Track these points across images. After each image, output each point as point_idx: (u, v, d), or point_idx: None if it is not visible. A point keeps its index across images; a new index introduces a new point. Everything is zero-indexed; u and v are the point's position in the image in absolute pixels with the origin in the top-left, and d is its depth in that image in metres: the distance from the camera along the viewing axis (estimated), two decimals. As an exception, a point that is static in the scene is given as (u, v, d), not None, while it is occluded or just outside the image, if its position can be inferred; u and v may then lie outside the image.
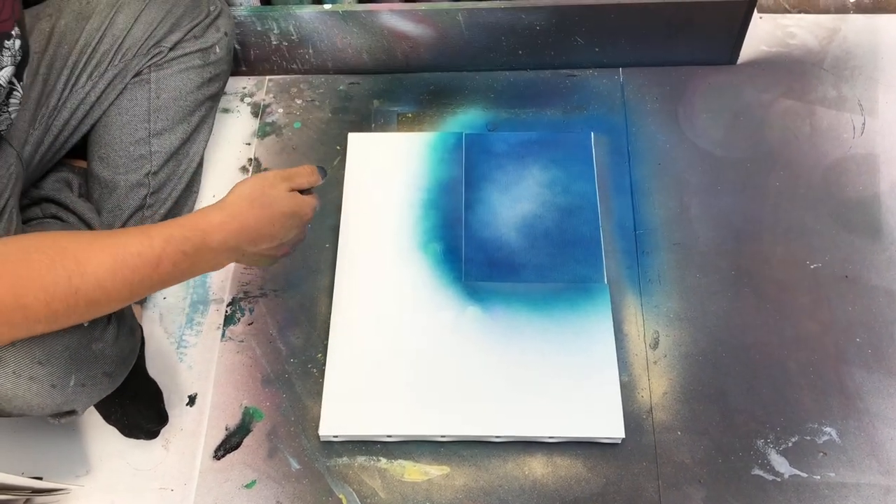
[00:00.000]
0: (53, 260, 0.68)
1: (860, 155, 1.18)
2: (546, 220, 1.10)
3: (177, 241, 0.75)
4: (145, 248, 0.73)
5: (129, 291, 0.73)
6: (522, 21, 1.20)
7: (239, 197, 0.81)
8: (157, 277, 0.74)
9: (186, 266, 0.77)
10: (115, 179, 1.03)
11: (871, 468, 0.95)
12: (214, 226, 0.78)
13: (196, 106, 1.08)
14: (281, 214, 0.83)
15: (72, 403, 0.83)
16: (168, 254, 0.74)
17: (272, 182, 0.83)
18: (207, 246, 0.77)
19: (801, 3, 1.35)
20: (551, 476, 0.95)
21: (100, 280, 0.70)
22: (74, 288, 0.68)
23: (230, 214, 0.79)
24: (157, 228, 0.75)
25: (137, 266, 0.72)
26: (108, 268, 0.71)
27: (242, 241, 0.80)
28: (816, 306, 1.05)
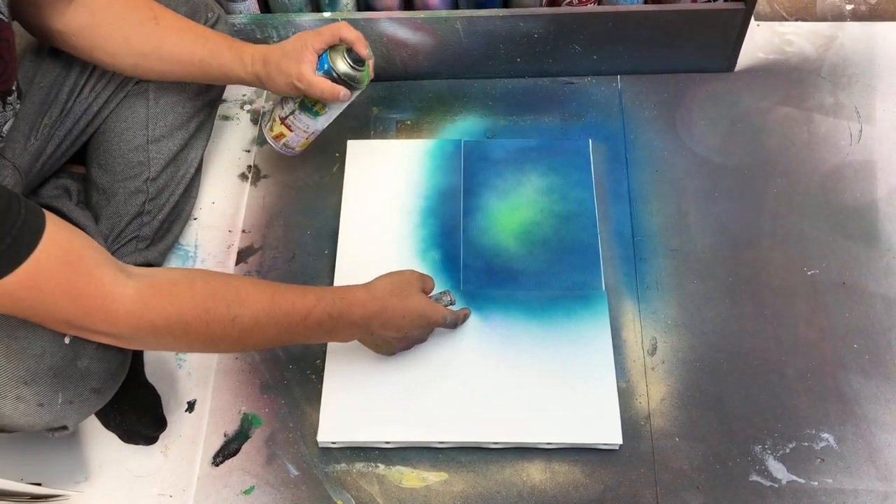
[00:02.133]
0: (216, 290, 0.79)
1: (857, 162, 1.18)
2: (544, 227, 1.10)
3: (327, 302, 0.84)
4: (299, 299, 0.83)
5: (277, 332, 0.82)
6: (521, 29, 1.21)
7: (383, 284, 0.91)
8: (302, 329, 0.83)
9: (328, 328, 0.85)
10: (114, 186, 1.03)
11: (868, 474, 0.95)
12: (359, 301, 0.87)
13: (194, 112, 1.08)
14: (414, 311, 0.92)
15: (61, 420, 0.83)
16: (317, 311, 0.83)
17: (410, 279, 0.94)
18: (350, 315, 0.86)
19: (798, 11, 1.36)
20: (549, 482, 0.95)
21: (256, 315, 0.79)
22: (232, 315, 0.78)
23: (373, 296, 0.89)
24: (311, 288, 0.85)
25: (289, 312, 0.82)
26: (265, 307, 0.80)
27: (375, 323, 0.90)
28: (814, 313, 1.06)
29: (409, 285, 0.92)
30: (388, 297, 0.90)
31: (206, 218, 1.17)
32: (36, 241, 0.68)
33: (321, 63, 0.94)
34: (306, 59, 0.94)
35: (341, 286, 0.89)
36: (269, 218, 1.17)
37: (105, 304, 0.72)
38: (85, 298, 0.71)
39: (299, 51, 0.94)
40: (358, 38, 0.94)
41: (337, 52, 0.95)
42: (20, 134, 0.96)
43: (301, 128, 1.02)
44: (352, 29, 0.94)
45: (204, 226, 1.17)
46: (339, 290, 0.88)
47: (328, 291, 0.86)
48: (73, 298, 0.71)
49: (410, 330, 0.93)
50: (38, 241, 0.68)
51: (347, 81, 0.95)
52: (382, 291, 0.90)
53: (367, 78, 0.98)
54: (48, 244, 0.68)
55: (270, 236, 1.15)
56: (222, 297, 0.78)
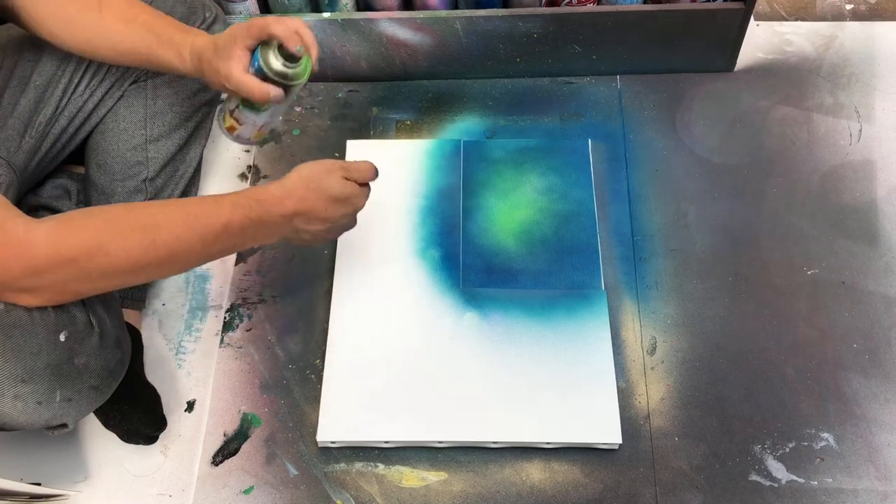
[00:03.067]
0: (130, 214, 0.77)
1: (857, 161, 1.18)
2: (544, 227, 1.10)
3: (242, 207, 0.81)
4: (213, 209, 0.80)
5: (203, 246, 0.80)
6: (520, 29, 1.21)
7: (297, 177, 0.86)
8: (227, 237, 0.81)
9: (251, 232, 0.83)
10: (113, 186, 1.03)
11: (868, 474, 0.95)
12: (275, 198, 0.84)
13: (193, 111, 1.08)
14: (334, 199, 0.87)
15: (60, 418, 0.82)
16: (236, 217, 0.81)
17: (329, 168, 0.88)
18: (269, 216, 0.83)
19: (797, 11, 1.36)
20: (549, 482, 0.95)
21: (175, 232, 0.77)
22: (151, 239, 0.76)
23: (287, 191, 0.85)
24: (224, 197, 0.82)
25: (209, 223, 0.79)
26: (181, 222, 0.78)
27: (298, 219, 0.86)
28: (814, 312, 1.06)
29: (327, 174, 0.87)
30: (304, 191, 0.85)
31: (206, 218, 1.17)
32: None
33: (253, 60, 0.86)
34: (235, 56, 0.87)
35: (255, 187, 0.86)
36: (268, 218, 1.17)
37: (21, 251, 0.71)
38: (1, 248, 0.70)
39: (229, 48, 0.87)
40: (288, 34, 0.85)
41: (269, 48, 0.86)
42: (15, 132, 0.96)
43: (248, 122, 0.95)
44: (283, 22, 0.85)
45: (204, 226, 1.17)
46: (253, 191, 0.85)
47: (242, 196, 0.83)
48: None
49: (336, 219, 0.89)
50: None
51: (279, 80, 0.87)
52: (298, 185, 0.85)
53: (303, 75, 0.89)
54: None
55: (270, 236, 1.15)
56: (135, 223, 0.76)
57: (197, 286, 1.11)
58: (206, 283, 1.12)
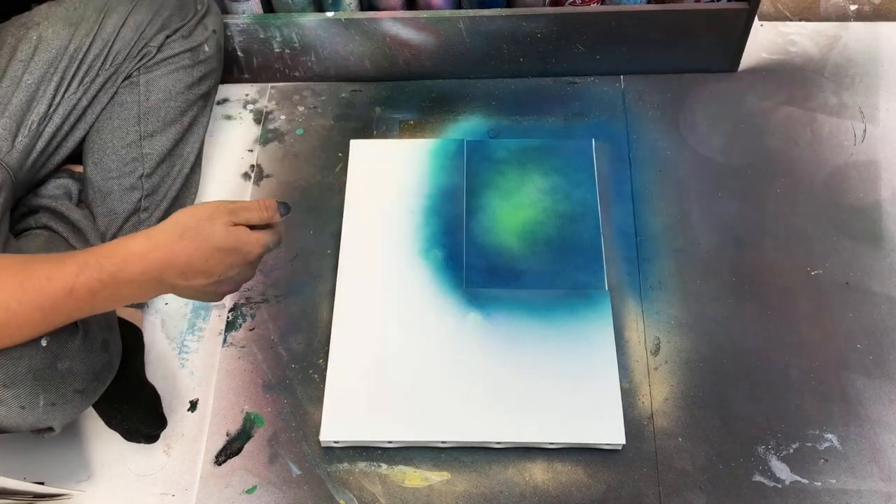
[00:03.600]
0: None
1: (861, 162, 1.18)
2: (547, 227, 1.10)
3: (91, 268, 0.71)
4: (55, 272, 0.70)
5: (42, 316, 0.71)
6: (523, 28, 1.21)
7: (171, 226, 0.75)
8: (74, 304, 0.71)
9: (107, 294, 0.72)
10: (109, 184, 1.03)
11: (872, 475, 0.94)
12: (135, 254, 0.73)
13: (187, 106, 1.08)
14: (216, 249, 0.75)
15: (46, 422, 0.81)
16: (82, 281, 0.71)
17: (210, 213, 0.76)
18: (126, 275, 0.72)
19: (801, 11, 1.35)
20: (552, 482, 0.95)
21: (6, 303, 0.68)
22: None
23: (154, 244, 0.74)
24: (72, 255, 0.73)
25: (47, 291, 0.70)
26: (12, 291, 0.69)
27: (169, 274, 0.74)
28: (817, 313, 1.05)
29: (209, 220, 0.75)
30: (176, 242, 0.73)
31: (209, 217, 1.17)
32: None
33: None
34: None
35: (115, 240, 0.74)
36: (271, 217, 1.17)
37: None
38: None
39: None
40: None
41: None
42: (7, 132, 0.96)
43: None
44: None
45: (207, 225, 1.17)
46: (108, 246, 0.74)
47: (93, 253, 0.73)
48: None
49: (224, 272, 0.76)
50: None
51: None
52: (169, 236, 0.74)
53: None
54: None
55: (273, 236, 1.15)
56: None
57: (200, 285, 1.11)
58: (209, 283, 1.11)
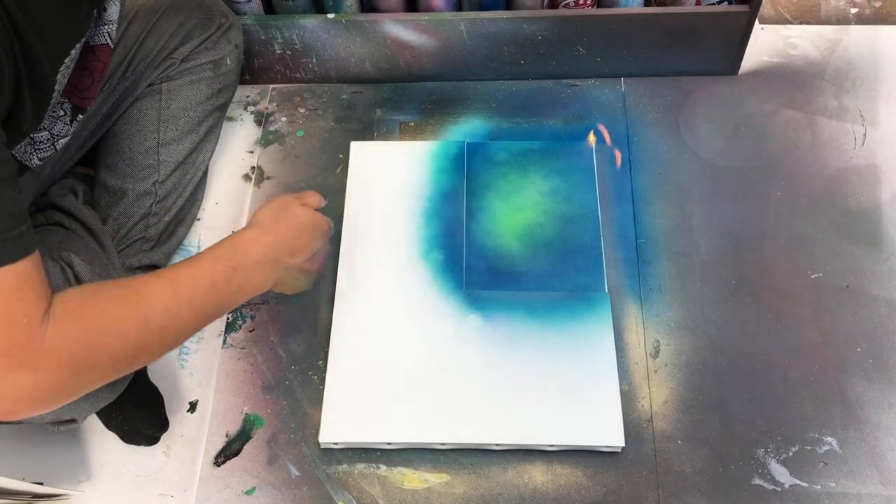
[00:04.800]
0: (121, 294, 0.72)
1: (861, 165, 1.18)
2: (547, 229, 1.10)
3: (222, 258, 0.79)
4: (195, 270, 0.77)
5: (194, 314, 0.76)
6: (524, 31, 1.21)
7: (263, 215, 0.87)
8: (215, 297, 0.78)
9: (238, 282, 0.80)
10: (124, 188, 1.03)
11: (871, 478, 0.94)
12: (251, 241, 0.83)
13: (205, 116, 1.09)
14: (303, 225, 0.88)
15: (72, 412, 0.83)
16: (218, 271, 0.78)
17: (287, 200, 0.90)
18: (251, 258, 0.82)
19: (802, 14, 1.36)
20: (551, 484, 0.95)
21: (165, 306, 0.73)
22: (144, 318, 0.71)
23: (262, 230, 0.85)
24: (201, 254, 0.80)
25: (194, 287, 0.76)
26: (169, 293, 0.74)
27: (280, 253, 0.85)
28: (817, 316, 1.05)
29: (287, 204, 0.89)
30: (274, 225, 0.86)
31: (210, 219, 1.17)
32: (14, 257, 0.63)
33: None
34: None
35: (225, 238, 0.83)
36: (272, 219, 1.17)
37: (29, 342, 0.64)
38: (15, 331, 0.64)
39: None
40: None
41: None
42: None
43: None
44: None
45: (207, 226, 1.17)
46: (225, 241, 0.83)
47: (217, 247, 0.81)
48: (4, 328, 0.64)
49: (313, 245, 0.90)
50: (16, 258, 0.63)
51: None
52: (267, 220, 0.86)
53: None
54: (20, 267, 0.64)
55: (273, 237, 1.15)
56: (128, 302, 0.72)
57: (200, 287, 1.11)
58: (210, 284, 1.12)
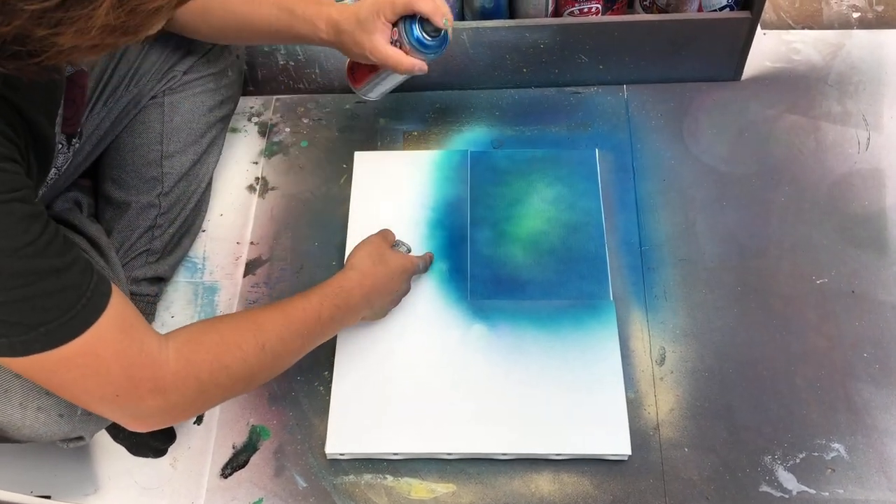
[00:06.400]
0: (237, 325, 0.80)
1: (866, 170, 1.18)
2: (551, 237, 1.10)
3: (329, 297, 0.88)
4: (307, 304, 0.86)
5: (302, 343, 0.85)
6: (527, 39, 1.21)
7: (361, 260, 0.95)
8: (320, 329, 0.87)
9: (339, 318, 0.90)
10: (128, 200, 1.04)
11: (879, 484, 0.94)
12: (355, 284, 0.92)
13: (208, 128, 1.09)
14: (395, 270, 0.97)
15: (79, 431, 0.83)
16: (325, 307, 0.87)
17: (380, 243, 0.98)
18: (354, 300, 0.91)
19: (804, 20, 1.36)
20: (558, 493, 0.95)
21: (279, 333, 0.82)
22: (261, 343, 0.79)
23: (363, 274, 0.93)
24: (310, 291, 0.88)
25: (304, 319, 0.85)
26: (282, 323, 0.83)
27: (375, 296, 0.95)
28: (823, 321, 1.05)
29: (379, 248, 0.97)
30: (373, 268, 0.94)
31: (215, 230, 1.18)
32: (104, 306, 0.68)
33: (405, 32, 0.92)
34: (378, 30, 0.91)
35: (331, 279, 0.92)
36: (276, 229, 1.18)
37: (154, 372, 0.72)
38: (136, 367, 0.71)
39: (372, 21, 0.91)
40: (434, 10, 0.90)
41: (414, 22, 0.92)
42: None
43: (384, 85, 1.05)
44: (427, 1, 0.90)
45: (212, 238, 1.17)
46: (333, 282, 0.91)
47: (325, 287, 0.90)
48: (125, 367, 0.70)
49: (398, 288, 0.99)
50: (105, 306, 0.68)
51: (422, 51, 0.93)
52: (366, 265, 0.94)
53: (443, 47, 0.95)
54: (111, 312, 0.69)
55: (278, 248, 1.16)
56: (245, 330, 0.80)
57: (206, 298, 1.12)
58: (215, 295, 1.12)
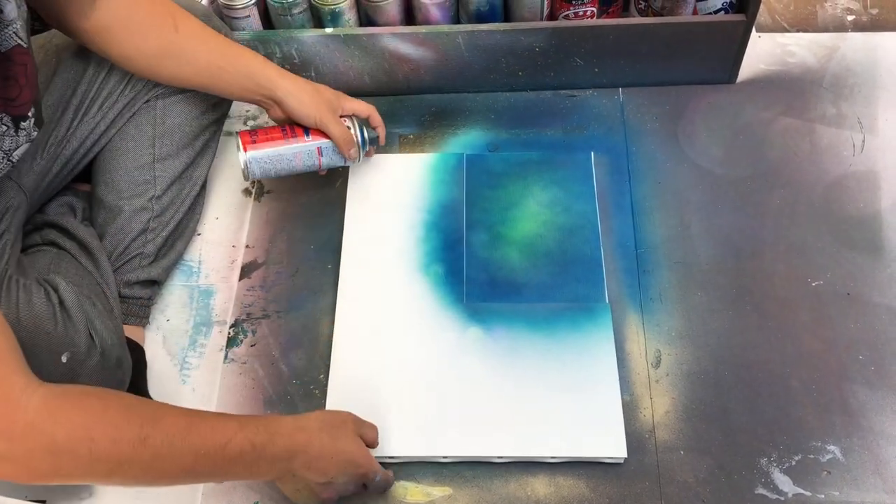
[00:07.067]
0: (131, 405, 0.72)
1: (860, 172, 1.18)
2: (547, 240, 1.10)
3: (249, 429, 0.77)
4: (219, 424, 0.75)
5: (194, 460, 0.73)
6: (522, 43, 1.22)
7: (314, 418, 0.84)
8: (221, 460, 0.75)
9: (249, 460, 0.77)
10: (120, 204, 1.04)
11: (875, 486, 0.94)
12: (284, 431, 0.80)
13: (201, 130, 1.09)
14: (343, 454, 0.84)
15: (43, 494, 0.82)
16: (239, 438, 0.75)
17: (345, 420, 0.87)
18: (273, 447, 0.78)
19: (799, 22, 1.36)
20: (554, 496, 0.95)
21: (170, 437, 0.71)
22: (144, 435, 0.69)
23: (301, 428, 0.82)
24: (232, 417, 0.78)
25: (208, 438, 0.74)
26: (182, 428, 0.72)
27: (299, 461, 0.81)
28: (818, 324, 1.05)
29: (343, 425, 0.86)
30: (317, 433, 0.82)
31: (210, 233, 1.18)
32: None
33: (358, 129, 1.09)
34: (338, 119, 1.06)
35: (266, 415, 0.82)
36: (272, 233, 1.18)
37: (6, 413, 0.65)
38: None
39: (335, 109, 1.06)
40: (382, 126, 1.11)
41: (360, 121, 1.10)
42: (27, 154, 0.97)
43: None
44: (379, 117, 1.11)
45: (207, 241, 1.17)
46: (263, 418, 0.82)
47: (251, 419, 0.80)
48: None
49: (336, 475, 0.85)
50: None
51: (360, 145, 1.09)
52: (312, 425, 0.83)
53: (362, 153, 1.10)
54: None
55: (274, 251, 1.16)
56: (136, 414, 0.71)
57: (201, 302, 1.12)
58: (210, 299, 1.12)
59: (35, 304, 0.87)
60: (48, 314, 0.88)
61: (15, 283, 0.88)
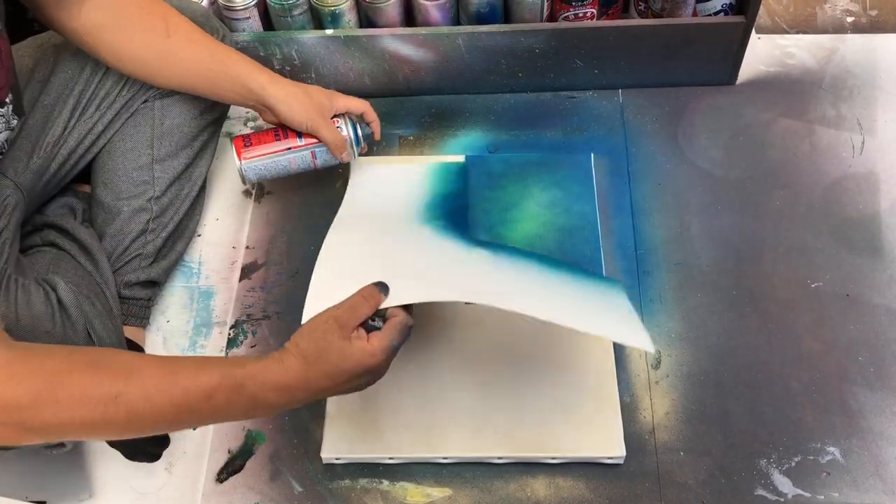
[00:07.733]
0: (99, 361, 0.67)
1: (860, 174, 1.18)
2: (547, 241, 1.10)
3: (235, 379, 0.71)
4: (203, 374, 0.69)
5: (176, 414, 0.68)
6: (522, 44, 1.22)
7: (295, 356, 0.73)
8: (209, 410, 0.70)
9: (240, 407, 0.72)
10: (118, 205, 1.04)
11: (875, 488, 0.94)
12: (269, 383, 0.72)
13: (199, 131, 1.09)
14: (342, 371, 0.74)
15: None
16: (223, 389, 0.70)
17: (324, 332, 0.74)
18: (263, 397, 0.72)
19: (799, 24, 1.36)
20: (554, 497, 0.95)
21: (147, 391, 0.66)
22: (116, 393, 0.65)
23: (286, 371, 0.73)
24: (216, 362, 0.73)
25: (189, 390, 0.68)
26: (159, 381, 0.67)
27: (299, 396, 0.74)
28: (818, 325, 1.05)
29: (323, 342, 0.73)
30: (304, 370, 0.73)
31: (210, 234, 1.18)
32: None
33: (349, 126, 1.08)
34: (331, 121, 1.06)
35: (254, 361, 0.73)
36: (272, 234, 1.18)
37: None
38: None
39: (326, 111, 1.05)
40: (376, 121, 1.11)
41: (353, 119, 1.09)
42: (22, 152, 0.97)
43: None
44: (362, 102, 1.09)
45: (208, 242, 1.17)
46: (253, 363, 0.72)
47: (238, 364, 0.72)
48: None
49: (354, 385, 0.77)
50: None
51: (357, 142, 1.09)
52: (296, 362, 0.73)
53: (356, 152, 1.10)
54: None
55: (274, 252, 1.16)
56: (107, 370, 0.66)
57: (201, 302, 1.12)
58: (211, 300, 1.12)
59: (34, 304, 0.88)
60: (47, 314, 0.88)
61: (14, 282, 0.89)
